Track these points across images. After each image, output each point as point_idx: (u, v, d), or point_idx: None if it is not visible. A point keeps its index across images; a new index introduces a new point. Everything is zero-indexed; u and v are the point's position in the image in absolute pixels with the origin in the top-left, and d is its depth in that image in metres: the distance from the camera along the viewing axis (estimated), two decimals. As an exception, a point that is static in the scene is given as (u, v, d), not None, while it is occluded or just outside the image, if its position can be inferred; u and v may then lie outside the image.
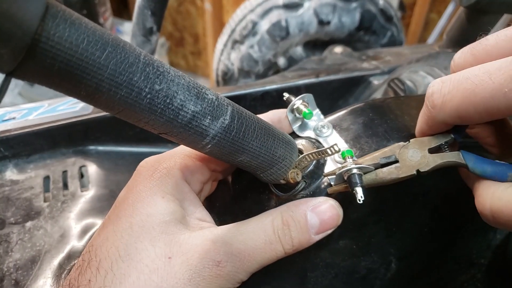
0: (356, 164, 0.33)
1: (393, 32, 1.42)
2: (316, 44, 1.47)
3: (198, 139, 0.31)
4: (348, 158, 0.34)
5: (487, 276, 0.56)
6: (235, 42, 1.40)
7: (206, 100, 0.30)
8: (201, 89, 0.30)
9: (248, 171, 0.37)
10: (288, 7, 1.31)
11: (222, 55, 1.46)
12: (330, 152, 0.34)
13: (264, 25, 1.33)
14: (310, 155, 0.35)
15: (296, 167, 0.37)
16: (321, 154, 0.35)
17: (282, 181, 0.37)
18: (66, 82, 0.24)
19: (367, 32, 1.38)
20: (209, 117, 0.30)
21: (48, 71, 0.23)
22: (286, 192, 0.39)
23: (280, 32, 1.31)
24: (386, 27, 1.40)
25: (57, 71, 0.23)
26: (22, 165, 0.73)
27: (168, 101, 0.28)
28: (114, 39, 0.26)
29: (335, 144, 0.34)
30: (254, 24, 1.34)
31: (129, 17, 2.82)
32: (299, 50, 1.43)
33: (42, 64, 0.23)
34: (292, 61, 1.43)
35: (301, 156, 0.37)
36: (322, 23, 1.31)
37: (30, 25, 0.21)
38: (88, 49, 0.24)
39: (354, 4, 1.33)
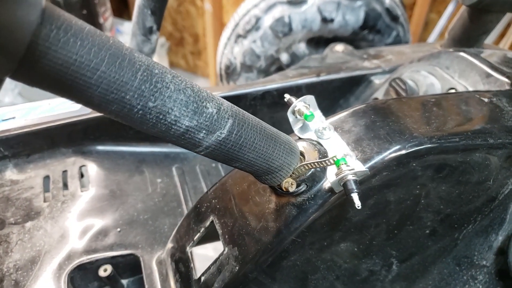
0: (350, 169, 0.33)
1: (399, 32, 1.41)
2: (319, 41, 1.47)
3: (191, 147, 0.31)
4: (342, 165, 0.34)
5: (489, 278, 0.56)
6: (238, 36, 1.39)
7: (204, 115, 0.30)
8: (202, 102, 0.30)
9: (248, 174, 0.37)
10: (291, 3, 1.30)
11: (226, 48, 1.46)
12: (328, 163, 0.34)
13: (267, 21, 1.32)
14: (308, 165, 0.35)
15: (293, 173, 0.37)
16: (319, 164, 0.34)
17: (277, 187, 0.38)
18: (59, 90, 0.24)
19: (372, 31, 1.37)
20: (204, 132, 0.30)
21: (41, 78, 0.23)
22: (288, 192, 0.38)
23: (283, 28, 1.31)
24: (392, 26, 1.39)
25: (51, 80, 0.23)
26: (22, 165, 0.72)
27: (161, 117, 0.28)
28: (113, 54, 0.25)
29: (334, 156, 0.33)
30: (258, 19, 1.33)
31: (129, 17, 2.81)
32: (302, 47, 1.43)
33: (36, 71, 0.22)
34: (295, 58, 1.43)
35: (299, 165, 0.36)
36: (325, 20, 1.31)
37: (25, 35, 0.21)
38: (82, 65, 0.23)
39: (359, 3, 1.32)
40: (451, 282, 0.55)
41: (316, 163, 0.34)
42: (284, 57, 1.43)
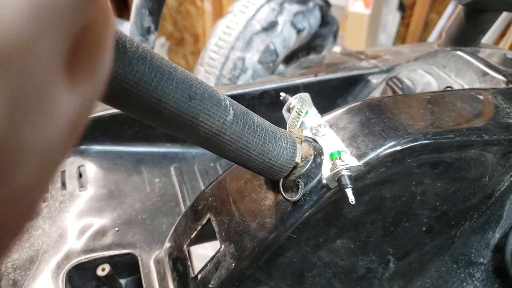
0: (345, 165, 0.33)
1: (334, 18, 1.48)
2: (288, 57, 1.50)
3: (222, 109, 0.31)
4: (337, 159, 0.34)
5: (486, 275, 0.56)
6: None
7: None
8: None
9: (245, 171, 0.37)
10: (267, 29, 1.26)
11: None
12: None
13: (253, 56, 1.26)
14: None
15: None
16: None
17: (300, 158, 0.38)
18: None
19: (324, 25, 1.43)
20: (222, 95, 0.31)
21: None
22: (289, 191, 0.38)
23: (271, 57, 1.27)
24: (331, 14, 1.47)
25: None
26: (20, 165, 0.72)
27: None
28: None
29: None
30: (243, 60, 1.26)
31: (129, 17, 2.82)
32: (281, 68, 1.45)
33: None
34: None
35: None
36: (299, 31, 1.32)
37: None
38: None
39: (311, 4, 1.35)
40: (449, 280, 0.55)
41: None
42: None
